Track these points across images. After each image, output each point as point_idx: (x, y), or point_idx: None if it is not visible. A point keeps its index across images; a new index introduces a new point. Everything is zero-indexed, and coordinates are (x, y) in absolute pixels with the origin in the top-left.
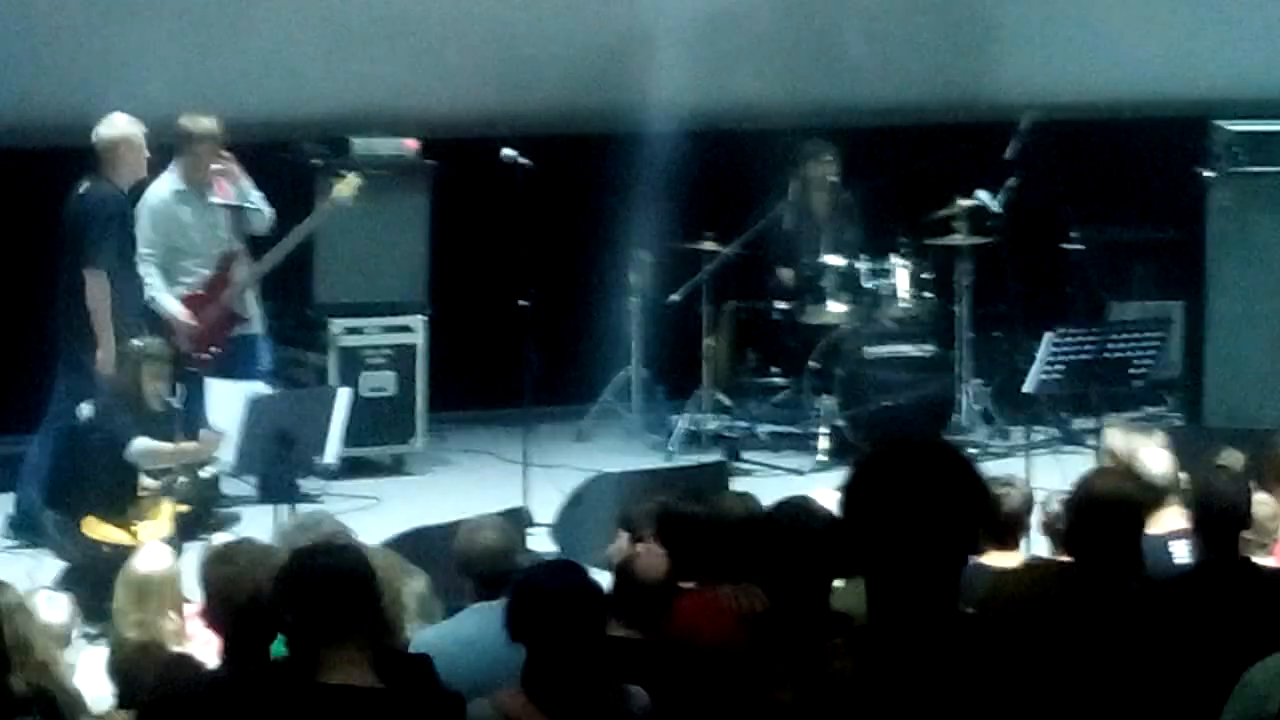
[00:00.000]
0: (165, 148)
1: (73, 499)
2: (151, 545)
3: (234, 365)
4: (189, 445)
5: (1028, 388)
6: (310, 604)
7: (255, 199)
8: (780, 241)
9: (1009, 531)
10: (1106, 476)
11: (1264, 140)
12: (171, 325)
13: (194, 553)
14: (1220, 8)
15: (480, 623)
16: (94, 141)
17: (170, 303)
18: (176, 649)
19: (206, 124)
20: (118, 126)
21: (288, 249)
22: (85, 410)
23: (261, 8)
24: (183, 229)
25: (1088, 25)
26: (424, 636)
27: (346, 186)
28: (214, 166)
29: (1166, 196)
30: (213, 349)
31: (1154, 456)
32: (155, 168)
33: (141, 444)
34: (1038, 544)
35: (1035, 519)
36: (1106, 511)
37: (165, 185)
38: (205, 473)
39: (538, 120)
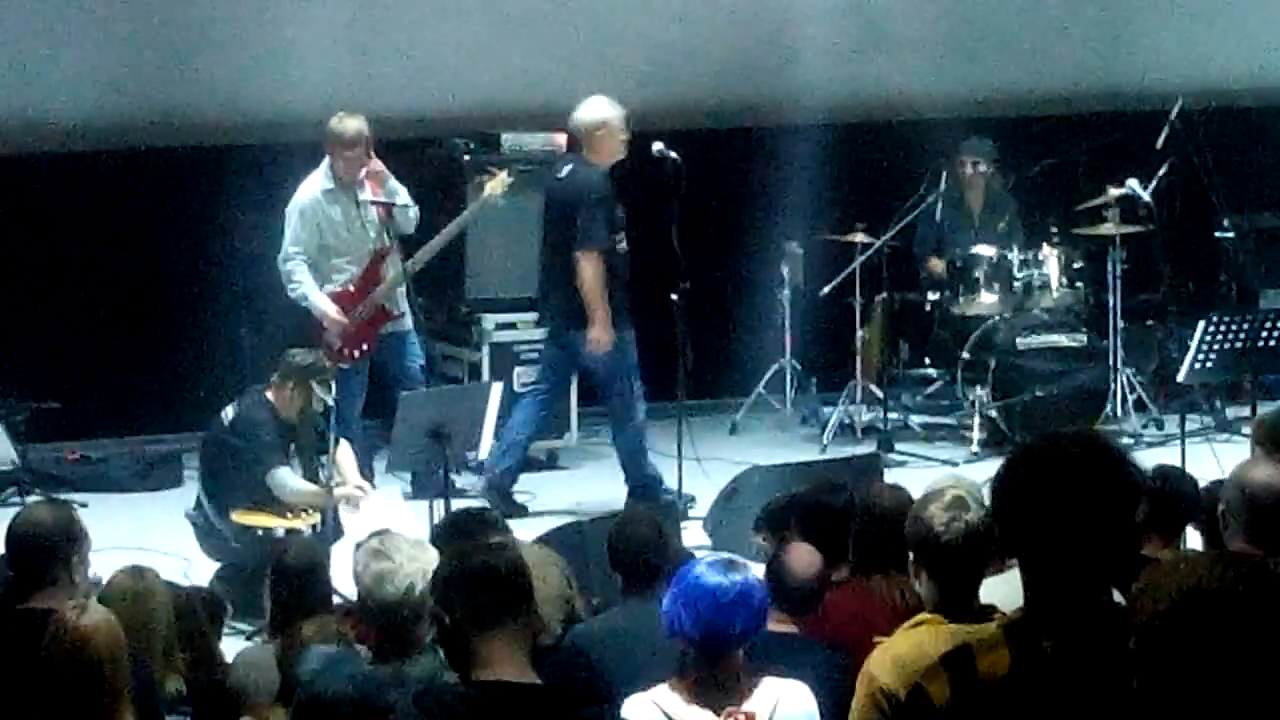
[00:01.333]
0: (316, 145)
1: (220, 494)
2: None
3: (386, 362)
4: (323, 494)
5: (1181, 377)
6: (467, 599)
7: (403, 197)
8: (932, 232)
9: (1174, 524)
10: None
11: None
12: (322, 323)
13: (345, 547)
14: None
15: (633, 617)
16: (573, 126)
17: (321, 300)
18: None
19: (357, 125)
20: (598, 111)
21: (439, 246)
22: (229, 413)
23: (411, 4)
24: (333, 227)
25: (1238, 11)
26: (578, 631)
27: (498, 184)
28: (364, 167)
29: None
30: (363, 346)
31: None
32: (307, 165)
33: (283, 475)
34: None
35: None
36: None
37: (315, 184)
38: None
39: (687, 113)
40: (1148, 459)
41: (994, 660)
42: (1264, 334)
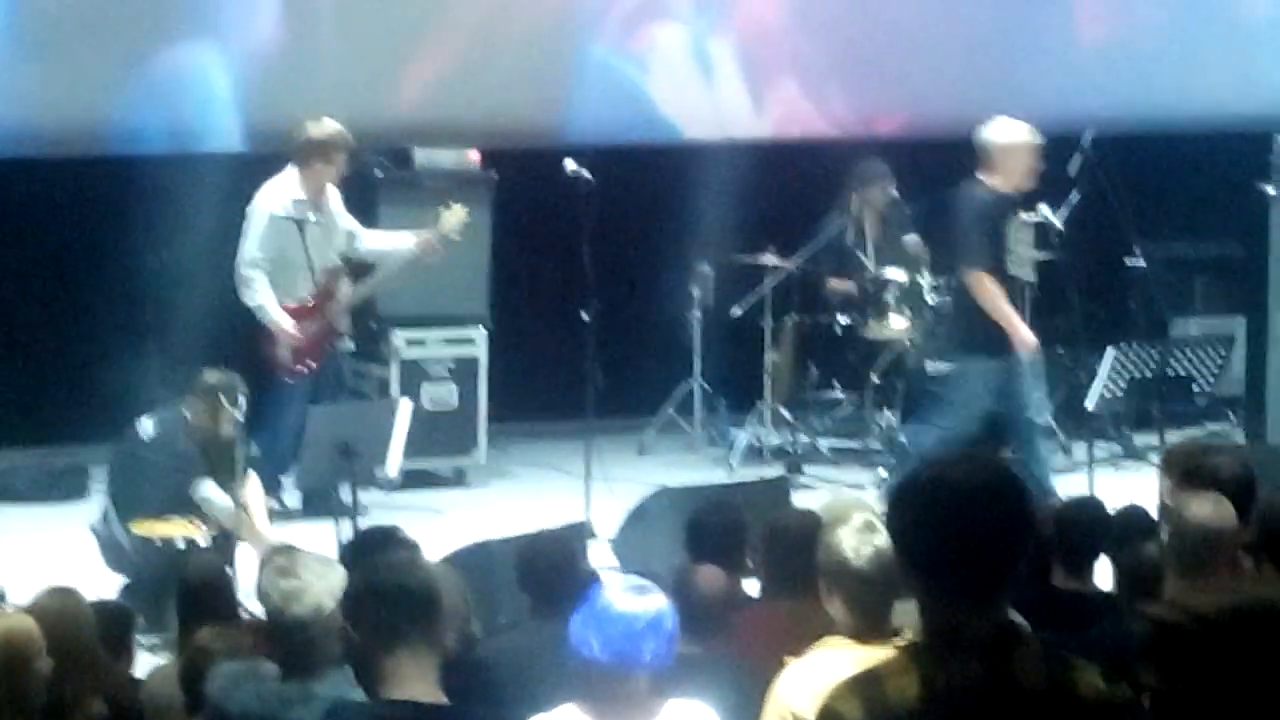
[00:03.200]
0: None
1: (128, 507)
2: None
3: (322, 382)
4: (249, 520)
5: (1090, 403)
6: (377, 617)
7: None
8: (841, 255)
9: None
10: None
11: None
12: (275, 335)
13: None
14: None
15: (540, 637)
16: (979, 143)
17: (277, 313)
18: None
19: (336, 129)
20: (1008, 132)
21: (391, 271)
22: (147, 427)
23: (329, 16)
24: (298, 240)
25: (1149, 41)
26: (484, 649)
27: (454, 216)
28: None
29: (1229, 212)
30: (311, 363)
31: None
32: (222, 177)
33: (207, 489)
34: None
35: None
36: None
37: (285, 192)
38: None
39: (601, 131)
40: (1056, 487)
41: (903, 685)
42: (1173, 363)
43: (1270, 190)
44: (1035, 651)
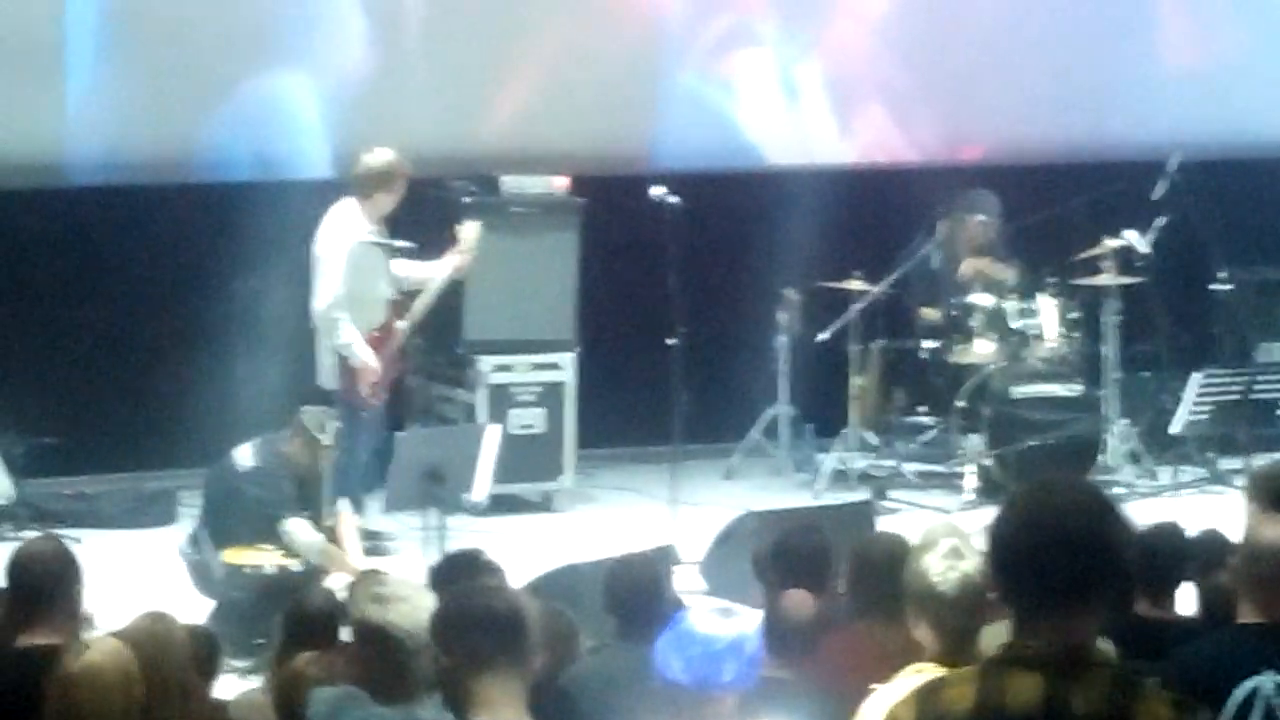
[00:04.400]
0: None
1: (221, 535)
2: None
3: (397, 407)
4: (328, 552)
5: (1175, 428)
6: (465, 641)
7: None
8: (928, 281)
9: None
10: None
11: None
12: (358, 371)
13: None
14: None
15: (627, 661)
16: None
17: (364, 351)
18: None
19: (394, 157)
20: None
21: (435, 295)
22: (245, 457)
23: (413, 45)
24: (372, 273)
25: (1234, 64)
26: (571, 674)
27: (469, 233)
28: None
29: None
30: (383, 393)
31: None
32: (305, 204)
33: (296, 526)
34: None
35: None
36: None
37: (356, 225)
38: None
39: (688, 158)
40: (1140, 511)
41: (961, 695)
42: (1258, 387)
43: None
44: (1103, 677)
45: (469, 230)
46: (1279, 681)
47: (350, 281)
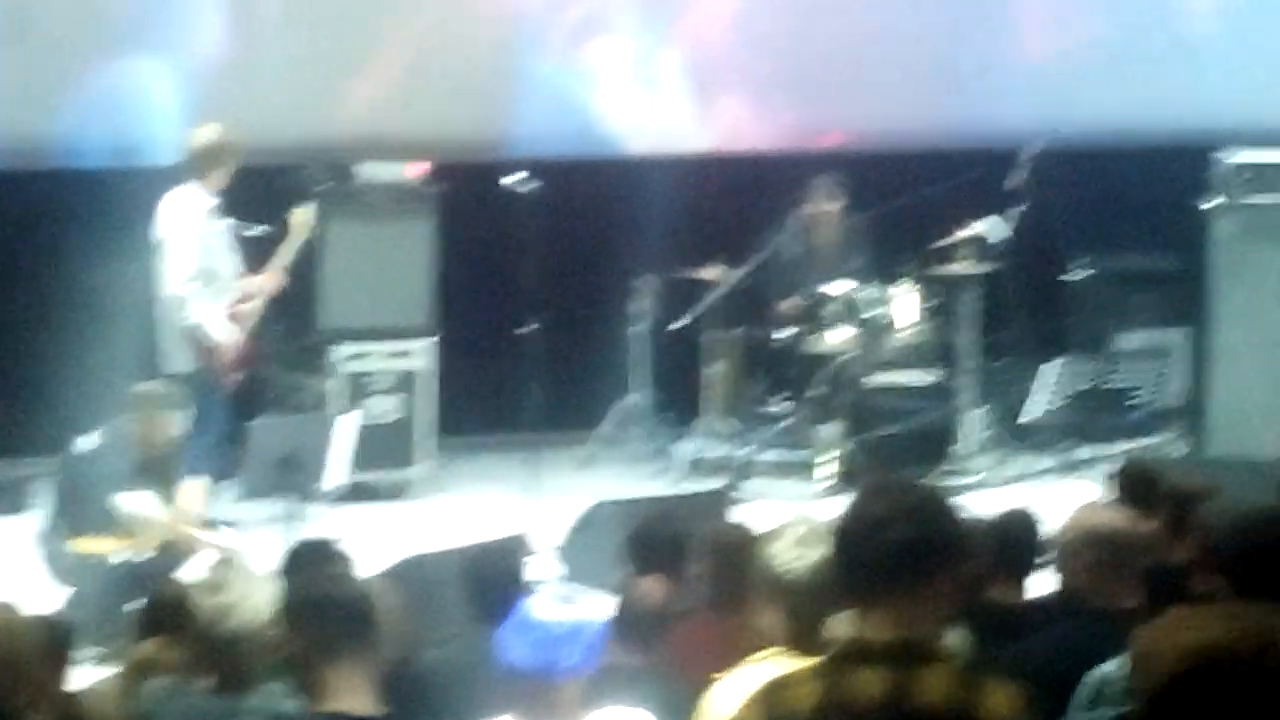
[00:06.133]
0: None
1: (71, 521)
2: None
3: (252, 393)
4: (163, 528)
5: (1029, 417)
6: (314, 629)
7: None
8: (785, 269)
9: (1019, 566)
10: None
11: (1266, 171)
12: (211, 353)
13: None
14: (1222, 39)
15: (479, 648)
16: None
17: (216, 330)
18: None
19: (224, 131)
20: None
21: (279, 279)
22: (89, 442)
23: (267, 29)
24: (216, 250)
25: (1092, 56)
26: (424, 661)
27: (302, 215)
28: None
29: (1169, 226)
30: (238, 372)
31: None
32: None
33: (131, 502)
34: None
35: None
36: None
37: (197, 204)
38: None
39: (543, 144)
40: (995, 499)
41: (806, 693)
42: (1112, 376)
43: (1209, 205)
44: (947, 670)
45: (301, 216)
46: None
47: (199, 261)
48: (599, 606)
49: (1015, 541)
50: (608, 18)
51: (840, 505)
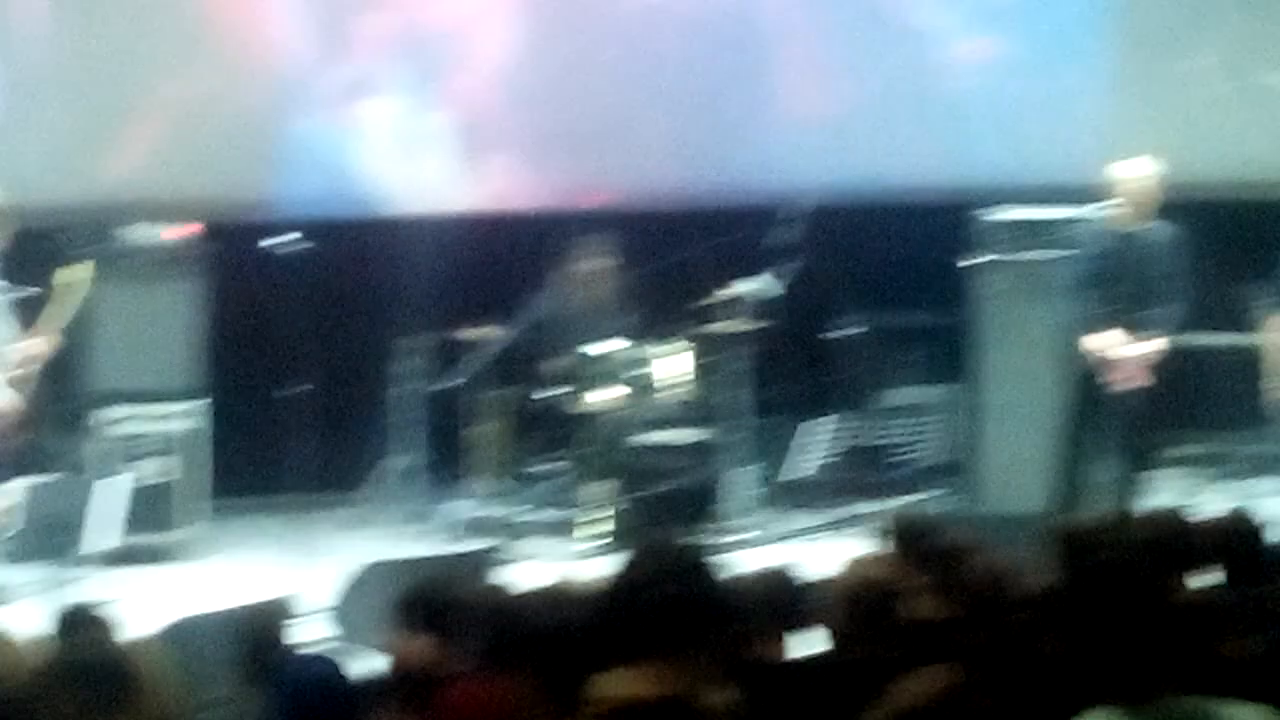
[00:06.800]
0: None
1: None
2: None
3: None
4: None
5: (799, 474)
6: (71, 696)
7: None
8: (552, 328)
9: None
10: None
11: (1033, 227)
12: None
13: None
14: (989, 96)
15: (246, 711)
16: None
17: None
18: None
19: None
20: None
21: (53, 341)
22: None
23: (36, 99)
24: None
25: (859, 114)
26: None
27: (72, 275)
28: None
29: (938, 283)
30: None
31: None
32: None
33: None
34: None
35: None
36: None
37: None
38: None
39: (310, 206)
40: (764, 557)
41: None
42: (882, 432)
43: (977, 261)
44: None
45: (71, 276)
46: None
47: None
48: (370, 668)
49: (780, 598)
50: (375, 78)
51: (608, 565)
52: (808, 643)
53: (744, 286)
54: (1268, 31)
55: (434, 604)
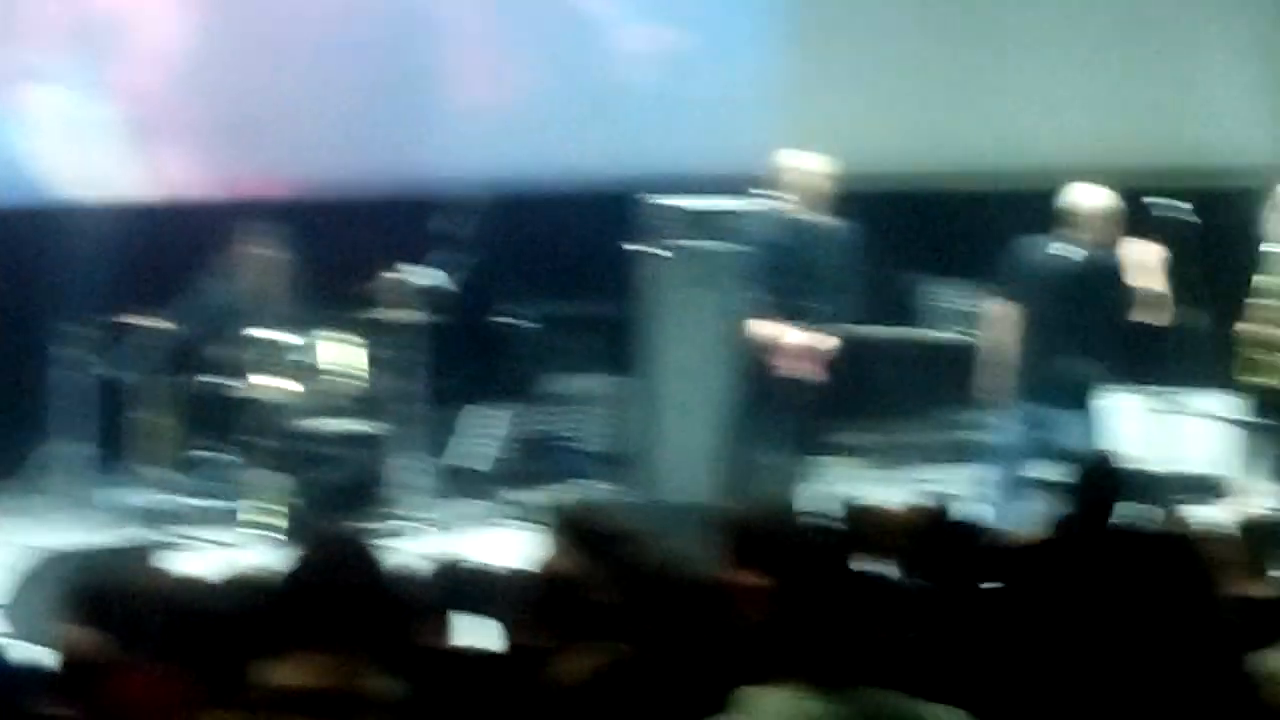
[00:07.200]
0: None
1: None
2: None
3: None
4: None
5: (464, 462)
6: None
7: None
8: (219, 316)
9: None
10: None
11: (698, 217)
12: None
13: None
14: (657, 86)
15: None
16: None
17: None
18: None
19: None
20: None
21: None
22: None
23: None
24: None
25: (529, 104)
26: None
27: None
28: None
29: (607, 272)
30: None
31: None
32: None
33: None
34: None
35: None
36: None
37: None
38: None
39: None
40: (433, 545)
41: None
42: (549, 421)
43: (644, 250)
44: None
45: None
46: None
47: None
48: (37, 660)
49: (447, 587)
50: (42, 66)
51: (275, 554)
52: (476, 631)
53: (414, 275)
54: (934, 22)
55: (99, 595)
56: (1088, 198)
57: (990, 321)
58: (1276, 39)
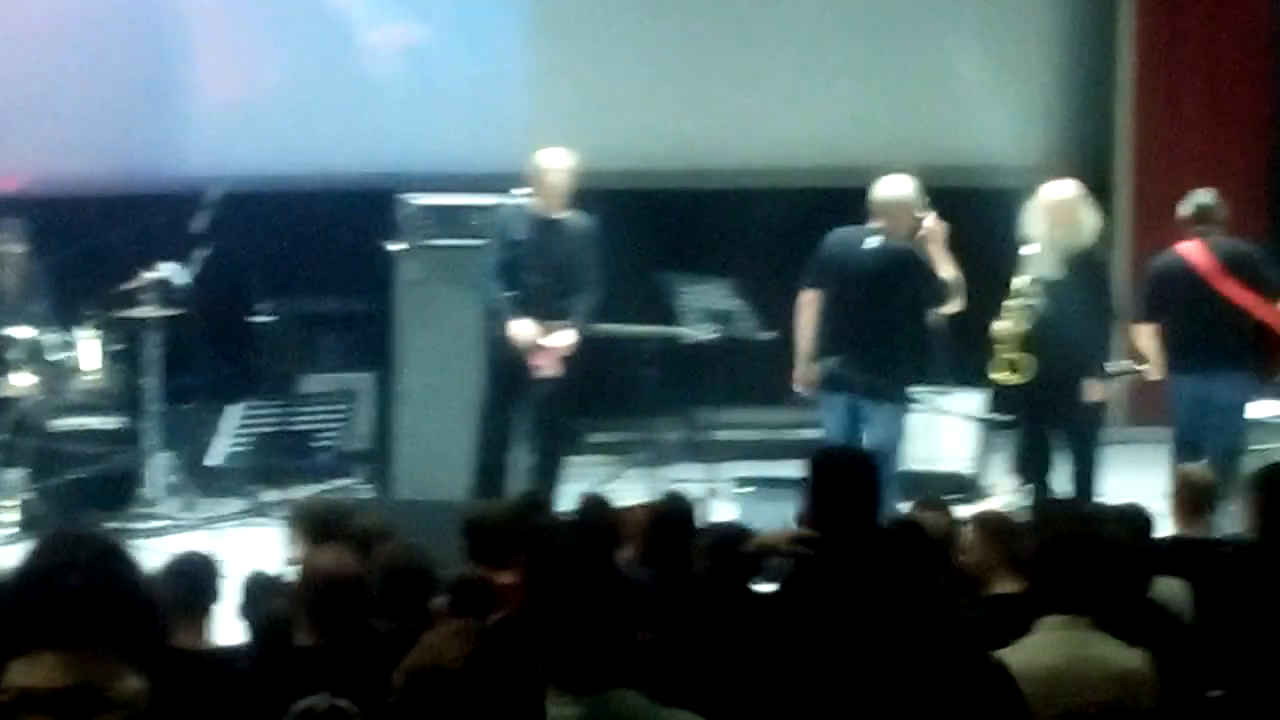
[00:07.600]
0: None
1: None
2: None
3: None
4: None
5: (214, 460)
6: None
7: None
8: None
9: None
10: None
11: (447, 214)
12: None
13: None
14: (404, 83)
15: None
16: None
17: None
18: None
19: None
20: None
21: None
22: None
23: None
24: None
25: (275, 98)
26: None
27: None
28: None
29: (356, 269)
30: None
31: None
32: None
33: None
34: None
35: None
36: None
37: None
38: None
39: None
40: (181, 544)
41: None
42: (296, 419)
43: (394, 247)
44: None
45: None
46: (334, 704)
47: None
48: None
49: (198, 585)
50: None
51: (20, 553)
52: (226, 630)
53: (159, 272)
54: (687, 20)
55: None
56: (887, 188)
57: (799, 311)
58: (1032, 38)
